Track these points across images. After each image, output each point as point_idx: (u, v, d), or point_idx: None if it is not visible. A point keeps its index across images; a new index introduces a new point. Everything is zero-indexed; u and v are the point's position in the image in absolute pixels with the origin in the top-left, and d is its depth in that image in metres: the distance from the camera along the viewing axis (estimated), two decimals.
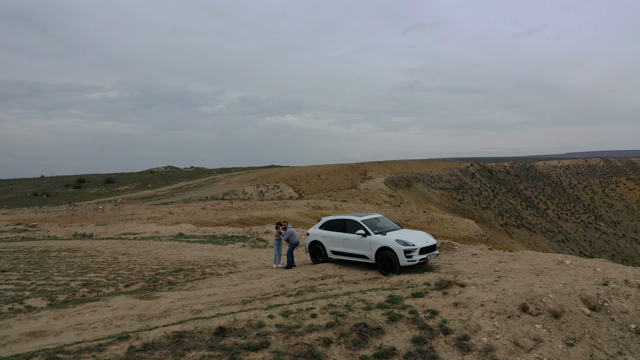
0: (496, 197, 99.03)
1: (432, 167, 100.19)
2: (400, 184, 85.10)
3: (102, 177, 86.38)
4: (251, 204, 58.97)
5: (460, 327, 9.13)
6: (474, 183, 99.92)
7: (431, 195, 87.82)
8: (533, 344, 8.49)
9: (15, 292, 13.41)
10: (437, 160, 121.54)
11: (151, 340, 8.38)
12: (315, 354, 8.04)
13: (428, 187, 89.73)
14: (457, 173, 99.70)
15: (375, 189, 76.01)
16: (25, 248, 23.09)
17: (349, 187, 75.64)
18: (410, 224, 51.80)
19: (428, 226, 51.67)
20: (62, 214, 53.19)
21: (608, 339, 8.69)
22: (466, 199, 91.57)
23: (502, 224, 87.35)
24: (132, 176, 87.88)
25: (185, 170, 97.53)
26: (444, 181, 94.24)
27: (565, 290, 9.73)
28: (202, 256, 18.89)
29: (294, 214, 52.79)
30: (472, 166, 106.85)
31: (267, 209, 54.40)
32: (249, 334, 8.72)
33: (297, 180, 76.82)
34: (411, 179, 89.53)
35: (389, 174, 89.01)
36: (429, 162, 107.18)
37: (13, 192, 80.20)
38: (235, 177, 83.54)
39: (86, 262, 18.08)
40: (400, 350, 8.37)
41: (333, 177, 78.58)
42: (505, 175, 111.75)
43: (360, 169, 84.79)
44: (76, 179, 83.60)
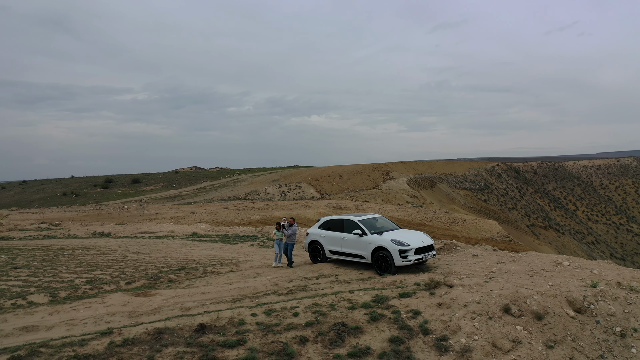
0: (523, 197, 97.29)
1: (456, 167, 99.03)
2: (424, 185, 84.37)
3: (129, 177, 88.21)
4: (272, 204, 59.32)
5: (441, 327, 9.08)
6: (499, 183, 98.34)
7: (455, 195, 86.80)
8: (511, 346, 8.40)
9: (21, 288, 13.89)
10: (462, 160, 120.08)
11: (132, 336, 8.59)
12: (289, 352, 8.12)
13: (452, 187, 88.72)
14: (483, 173, 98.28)
15: (397, 189, 75.57)
16: (44, 246, 23.82)
17: (371, 188, 75.39)
18: (431, 224, 51.40)
19: (450, 227, 51.18)
20: (88, 213, 54.51)
21: (591, 341, 8.53)
22: (491, 200, 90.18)
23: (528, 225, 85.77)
24: (157, 176, 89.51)
25: (210, 171, 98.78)
26: (469, 181, 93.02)
27: (551, 292, 9.58)
28: (209, 255, 19.18)
29: (314, 214, 52.94)
30: (498, 166, 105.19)
31: (289, 209, 54.62)
32: (228, 332, 8.86)
33: (319, 181, 76.96)
34: (435, 179, 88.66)
35: (412, 174, 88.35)
36: (454, 162, 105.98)
37: (44, 192, 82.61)
38: (258, 177, 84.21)
39: (96, 260, 18.56)
40: (376, 349, 8.39)
41: (355, 178, 78.43)
42: (532, 176, 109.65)
43: (382, 169, 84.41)
44: (104, 179, 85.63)
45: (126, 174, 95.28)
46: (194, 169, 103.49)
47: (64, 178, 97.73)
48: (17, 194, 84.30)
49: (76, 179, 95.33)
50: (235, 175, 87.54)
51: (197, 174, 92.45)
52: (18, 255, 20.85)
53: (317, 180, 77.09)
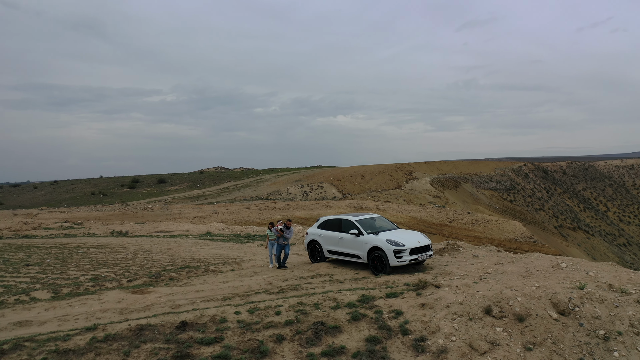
0: (551, 198, 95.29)
1: (481, 167, 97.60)
2: (448, 185, 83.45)
3: (155, 177, 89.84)
4: (294, 204, 59.58)
5: (421, 328, 9.04)
6: (526, 183, 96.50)
7: (480, 196, 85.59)
8: (488, 347, 8.31)
9: (27, 285, 14.36)
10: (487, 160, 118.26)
11: (114, 332, 8.82)
12: (263, 350, 8.21)
13: (477, 187, 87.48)
14: (509, 173, 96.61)
15: (420, 190, 74.96)
16: (62, 244, 24.52)
17: (393, 188, 74.97)
18: (453, 225, 50.88)
19: (472, 227, 50.59)
20: (114, 212, 55.71)
21: (572, 344, 8.37)
22: (518, 200, 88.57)
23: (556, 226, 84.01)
24: (183, 176, 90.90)
25: (234, 171, 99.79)
26: (494, 181, 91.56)
27: (536, 294, 9.43)
28: (216, 254, 19.44)
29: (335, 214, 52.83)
30: (525, 166, 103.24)
31: (309, 209, 54.81)
32: (208, 329, 9.01)
33: (341, 181, 76.92)
34: (459, 180, 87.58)
35: (435, 174, 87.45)
36: (479, 162, 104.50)
37: (73, 191, 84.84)
38: (281, 177, 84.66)
39: (107, 258, 19.02)
40: (351, 349, 8.41)
41: (377, 178, 78.11)
42: (561, 176, 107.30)
43: (405, 169, 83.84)
44: (131, 180, 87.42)
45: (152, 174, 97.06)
46: (218, 169, 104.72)
47: (93, 178, 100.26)
48: (48, 193, 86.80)
49: (104, 179, 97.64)
50: (258, 176, 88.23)
51: (221, 174, 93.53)
52: (35, 253, 21.52)
53: (339, 180, 77.04)
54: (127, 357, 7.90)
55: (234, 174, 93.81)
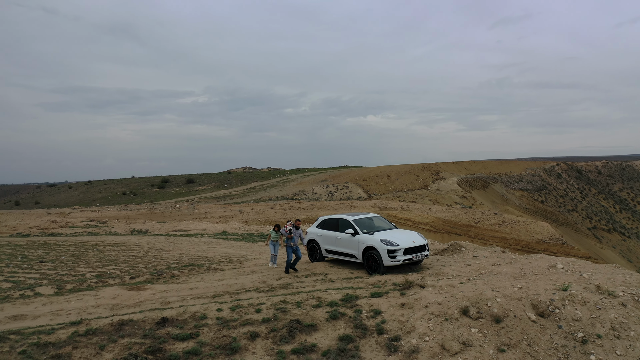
0: (585, 198, 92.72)
1: (512, 167, 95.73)
2: (476, 185, 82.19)
3: (184, 177, 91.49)
4: (318, 204, 59.75)
5: (397, 327, 9.01)
6: (559, 184, 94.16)
7: (510, 196, 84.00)
8: (460, 348, 8.22)
9: (35, 280, 14.91)
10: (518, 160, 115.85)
11: (96, 327, 9.10)
12: (234, 346, 8.34)
13: (506, 187, 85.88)
14: (540, 173, 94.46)
15: (446, 190, 74.07)
16: (81, 242, 25.29)
17: (419, 188, 74.31)
18: (479, 225, 50.17)
19: (499, 228, 49.78)
20: (142, 211, 57.05)
21: (547, 347, 8.20)
22: (549, 201, 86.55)
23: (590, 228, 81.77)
24: (211, 177, 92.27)
25: (262, 171, 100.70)
26: (525, 182, 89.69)
27: (517, 295, 9.27)
28: (224, 253, 19.73)
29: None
30: (558, 166, 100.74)
31: (334, 209, 54.90)
32: (187, 325, 9.20)
33: (366, 181, 76.70)
34: (488, 180, 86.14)
35: (464, 174, 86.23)
36: (509, 161, 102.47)
37: (106, 191, 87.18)
38: (307, 177, 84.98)
39: (119, 256, 19.55)
40: (322, 347, 8.45)
41: (403, 178, 77.56)
42: (596, 176, 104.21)
43: (432, 169, 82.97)
44: (161, 180, 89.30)
45: (182, 174, 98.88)
46: (246, 169, 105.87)
47: (125, 178, 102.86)
48: (81, 193, 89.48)
49: (136, 179, 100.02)
50: (285, 176, 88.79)
51: (248, 174, 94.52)
52: (53, 250, 22.28)
53: (365, 180, 76.83)
54: (101, 350, 8.16)
55: (261, 174, 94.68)
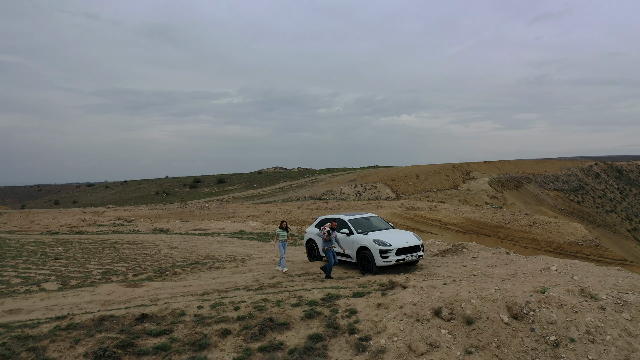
0: (625, 199, 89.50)
1: (547, 166, 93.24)
2: (508, 185, 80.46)
3: (216, 177, 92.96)
4: (345, 204, 59.74)
5: (369, 327, 8.99)
6: (597, 184, 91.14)
7: (544, 196, 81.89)
8: (426, 349, 8.14)
9: (44, 276, 15.49)
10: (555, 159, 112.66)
11: (77, 322, 9.42)
12: (203, 343, 8.49)
13: (541, 188, 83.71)
14: (577, 173, 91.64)
15: (477, 190, 72.80)
16: (102, 240, 26.09)
17: (449, 188, 73.32)
18: (509, 226, 49.26)
19: (529, 230, 48.78)
20: (173, 211, 58.31)
21: (517, 349, 8.03)
22: (586, 201, 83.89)
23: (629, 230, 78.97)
24: (242, 177, 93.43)
25: (292, 171, 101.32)
26: (561, 182, 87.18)
27: (493, 297, 9.10)
28: (232, 251, 20.01)
29: (386, 215, 52.73)
30: (596, 165, 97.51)
31: (360, 209, 54.81)
32: (165, 321, 9.41)
33: (395, 181, 76.18)
34: (521, 180, 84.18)
35: (496, 174, 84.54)
36: (544, 161, 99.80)
37: (140, 191, 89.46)
38: (336, 177, 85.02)
39: (131, 254, 20.08)
40: (289, 345, 8.51)
41: (433, 178, 76.66)
42: (638, 176, 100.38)
43: (463, 169, 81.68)
44: (193, 179, 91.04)
45: (213, 175, 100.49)
46: (277, 169, 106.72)
47: (159, 178, 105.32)
48: (117, 192, 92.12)
49: (169, 179, 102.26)
50: (314, 176, 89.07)
51: (278, 174, 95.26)
52: (73, 247, 23.07)
53: (394, 180, 76.31)
54: (75, 344, 8.45)
55: (291, 174, 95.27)
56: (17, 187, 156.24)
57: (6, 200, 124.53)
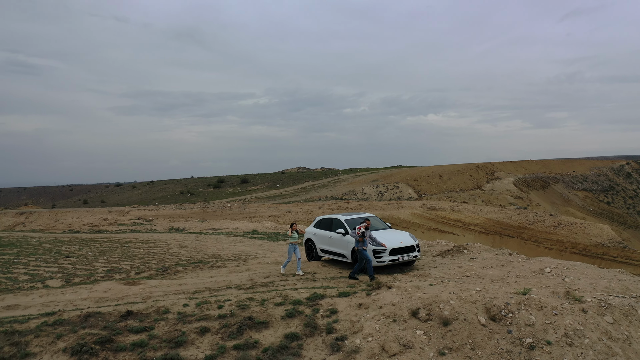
0: None
1: (575, 166, 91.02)
2: (534, 185, 78.89)
3: (239, 177, 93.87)
4: (366, 204, 59.60)
5: (346, 327, 8.98)
6: (628, 184, 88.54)
7: (572, 197, 79.99)
8: (399, 350, 8.09)
9: (51, 274, 15.93)
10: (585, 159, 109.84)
11: (64, 318, 9.68)
12: (180, 340, 8.62)
13: (568, 188, 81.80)
14: (607, 172, 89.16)
15: (501, 190, 71.62)
16: (117, 239, 26.67)
17: (472, 188, 72.32)
18: (533, 227, 48.40)
19: (554, 231, 47.86)
20: (195, 210, 59.11)
21: (491, 351, 7.92)
22: (616, 202, 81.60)
23: None
24: (265, 177, 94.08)
25: (315, 171, 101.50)
26: (590, 182, 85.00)
27: (473, 298, 8.97)
28: (239, 251, 20.20)
29: (407, 215, 52.39)
30: (628, 165, 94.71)
31: (381, 209, 54.66)
32: (148, 319, 9.59)
33: (417, 181, 75.54)
34: (548, 179, 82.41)
35: (522, 173, 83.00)
36: (573, 160, 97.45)
37: (166, 190, 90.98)
38: (359, 177, 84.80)
39: (139, 252, 20.47)
40: (265, 344, 8.57)
41: (456, 178, 75.74)
42: None
43: (487, 169, 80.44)
44: (217, 179, 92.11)
45: (237, 175, 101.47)
46: (300, 169, 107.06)
47: (184, 178, 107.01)
48: (143, 192, 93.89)
49: (194, 179, 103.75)
50: (337, 176, 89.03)
51: (301, 174, 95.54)
52: (88, 246, 23.65)
53: (416, 180, 75.68)
54: (57, 340, 8.69)
55: (314, 174, 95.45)
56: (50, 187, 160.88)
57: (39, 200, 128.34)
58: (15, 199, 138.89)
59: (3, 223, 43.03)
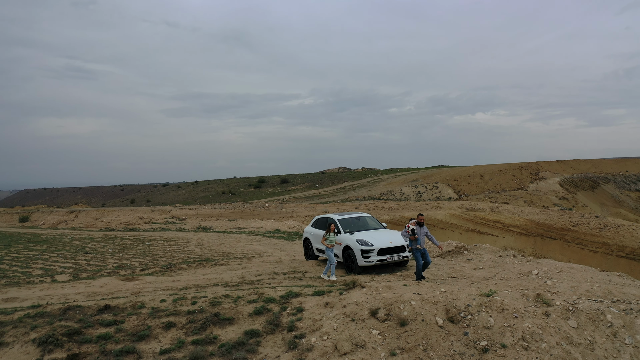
0: None
1: (629, 165, 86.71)
2: (582, 185, 75.73)
3: (280, 177, 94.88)
4: (403, 204, 59.02)
5: (308, 325, 9.00)
6: None
7: (624, 198, 76.32)
8: (351, 349, 8.04)
9: (64, 269, 16.68)
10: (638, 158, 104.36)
11: (47, 310, 10.16)
12: (142, 334, 8.89)
13: (620, 188, 78.05)
14: None
15: (545, 191, 69.18)
16: (143, 237, 27.57)
17: (515, 188, 70.19)
18: (577, 229, 46.66)
19: (599, 233, 45.93)
20: (234, 210, 60.21)
21: (444, 353, 7.75)
22: None
23: None
24: (305, 177, 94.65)
25: (355, 171, 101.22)
26: None
27: (435, 299, 8.80)
28: (250, 249, 20.49)
29: (445, 215, 51.62)
30: None
31: (418, 210, 54.02)
32: (122, 313, 9.92)
33: (457, 181, 74.05)
34: (598, 180, 78.89)
35: (569, 173, 79.83)
36: (626, 160, 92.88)
37: (208, 190, 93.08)
38: (398, 177, 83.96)
39: (157, 250, 21.11)
40: (223, 340, 8.71)
41: (498, 178, 73.71)
42: None
43: (531, 169, 77.88)
44: (257, 180, 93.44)
45: (278, 175, 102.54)
46: (340, 170, 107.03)
47: (226, 178, 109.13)
48: (187, 192, 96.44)
49: (237, 179, 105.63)
50: (376, 176, 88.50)
51: (341, 174, 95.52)
52: (112, 243, 24.58)
53: (456, 180, 74.19)
54: (30, 331, 9.14)
55: (354, 174, 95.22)
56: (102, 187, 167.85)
57: (93, 200, 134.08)
58: (71, 198, 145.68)
59: (48, 221, 45.27)
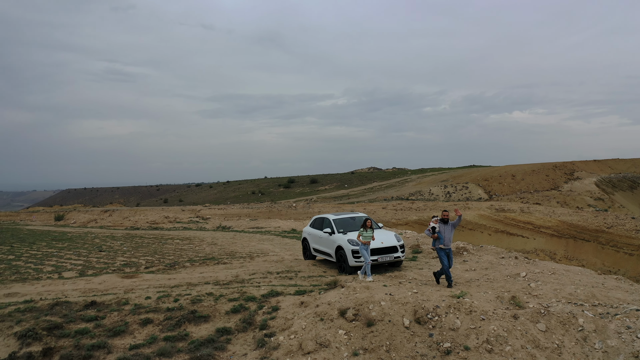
0: None
1: None
2: (621, 186, 73.06)
3: (309, 177, 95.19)
4: (431, 205, 58.35)
5: (279, 324, 9.06)
6: None
7: None
8: (314, 348, 8.04)
9: (73, 266, 17.21)
10: None
11: (36, 306, 10.54)
12: (118, 330, 9.12)
13: None
14: None
15: (580, 191, 67.06)
16: (161, 235, 28.17)
17: (548, 189, 68.34)
18: (612, 231, 45.19)
19: (636, 235, 44.37)
20: (262, 210, 60.82)
21: (405, 354, 7.67)
22: None
23: None
24: (334, 177, 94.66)
25: (385, 171, 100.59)
26: None
27: (405, 300, 8.70)
28: (257, 248, 20.67)
29: (474, 216, 50.84)
30: None
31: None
32: (106, 309, 10.20)
33: (488, 181, 72.62)
34: (638, 180, 75.89)
35: (606, 173, 77.16)
36: None
37: (239, 190, 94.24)
38: (428, 177, 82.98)
39: (169, 248, 21.55)
40: (194, 336, 8.86)
41: (530, 178, 71.90)
42: None
43: (566, 168, 75.64)
44: (287, 180, 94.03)
45: (307, 175, 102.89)
46: (370, 170, 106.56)
47: (257, 178, 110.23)
48: (218, 192, 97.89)
49: (267, 179, 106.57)
50: (406, 176, 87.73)
51: (371, 174, 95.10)
52: (130, 241, 25.21)
53: (487, 180, 72.77)
54: (15, 325, 9.50)
55: (384, 174, 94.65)
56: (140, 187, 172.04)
57: (130, 199, 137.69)
58: (109, 197, 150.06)
59: (80, 219, 46.78)
